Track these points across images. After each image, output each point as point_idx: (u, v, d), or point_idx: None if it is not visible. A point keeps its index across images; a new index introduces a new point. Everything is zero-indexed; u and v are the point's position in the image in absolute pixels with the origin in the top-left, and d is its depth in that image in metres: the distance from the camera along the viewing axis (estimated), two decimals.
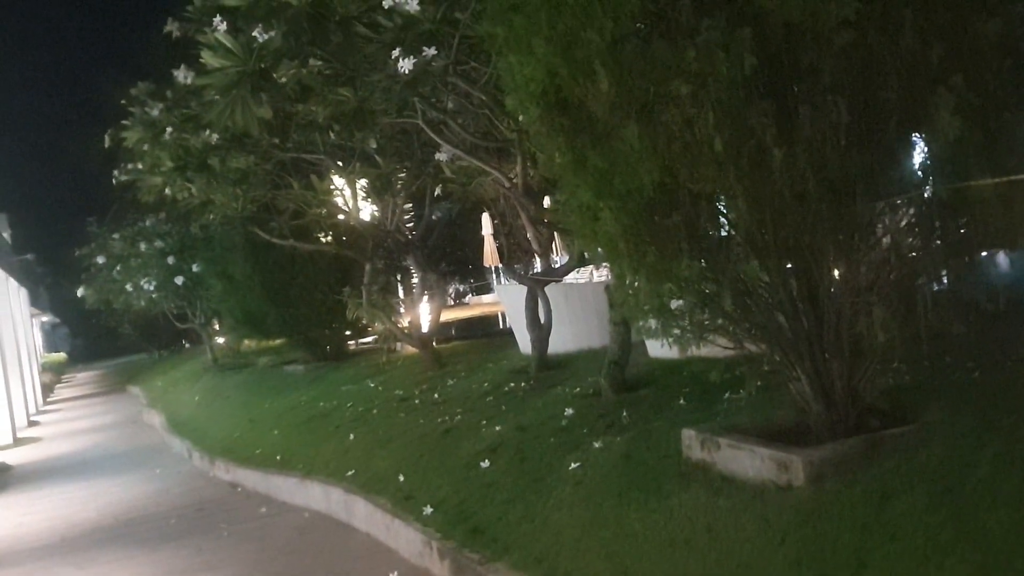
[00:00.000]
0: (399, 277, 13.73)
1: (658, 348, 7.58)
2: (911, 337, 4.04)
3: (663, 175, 3.96)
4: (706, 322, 4.44)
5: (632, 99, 3.92)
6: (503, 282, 24.29)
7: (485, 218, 19.79)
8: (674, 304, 4.43)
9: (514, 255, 12.59)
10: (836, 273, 4.25)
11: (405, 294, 13.33)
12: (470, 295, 30.00)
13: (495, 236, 21.70)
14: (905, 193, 4.06)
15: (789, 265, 4.21)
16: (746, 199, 3.93)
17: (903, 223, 4.14)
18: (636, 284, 4.39)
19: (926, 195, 4.05)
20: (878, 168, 3.99)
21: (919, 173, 4.07)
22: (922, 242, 4.14)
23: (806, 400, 4.46)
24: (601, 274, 10.51)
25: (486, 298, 27.31)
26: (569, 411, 6.40)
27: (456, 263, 24.45)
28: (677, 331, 4.52)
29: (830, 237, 4.09)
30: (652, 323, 4.55)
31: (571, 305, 9.59)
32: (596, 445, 5.47)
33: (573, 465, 5.33)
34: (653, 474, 4.78)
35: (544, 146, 4.51)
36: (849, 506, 3.60)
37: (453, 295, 27.19)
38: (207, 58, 5.62)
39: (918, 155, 4.06)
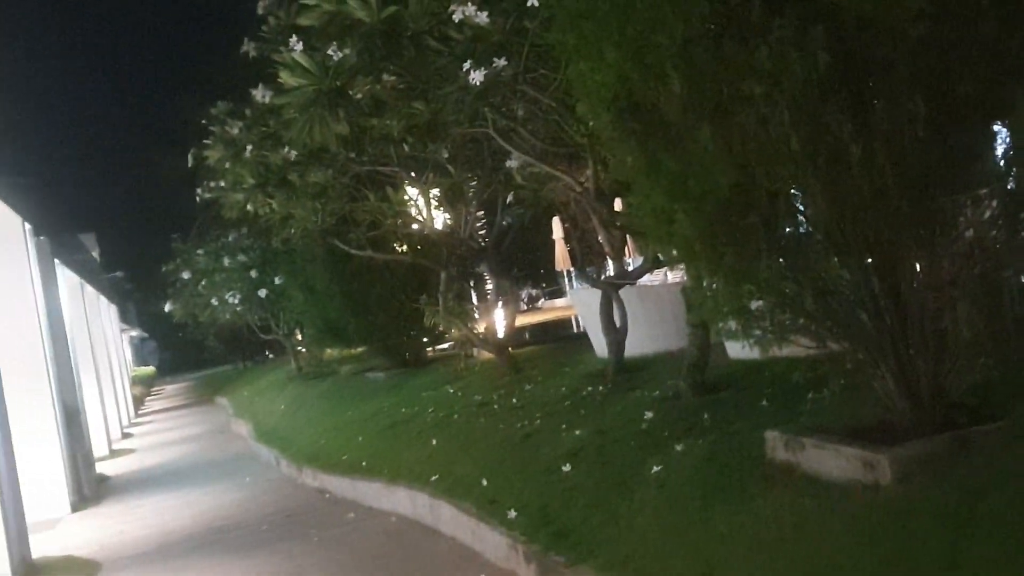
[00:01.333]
0: (472, 283, 13.87)
1: (737, 349, 7.52)
2: (997, 331, 3.96)
3: (738, 175, 3.96)
4: (787, 322, 4.41)
5: (705, 100, 3.93)
6: (576, 286, 24.31)
7: (555, 222, 19.81)
8: (754, 305, 4.42)
9: (586, 258, 12.59)
10: (919, 268, 4.20)
11: (479, 300, 13.46)
12: (542, 299, 30.05)
13: (566, 240, 21.72)
14: (987, 185, 3.98)
15: (870, 261, 4.17)
16: (825, 196, 3.91)
17: (986, 215, 4.06)
18: (714, 286, 4.39)
19: (1009, 186, 3.96)
20: (958, 160, 3.92)
21: (1002, 164, 3.99)
22: (1006, 234, 4.05)
23: (891, 398, 4.40)
24: (676, 275, 10.46)
25: (558, 302, 27.33)
26: (649, 414, 6.40)
27: (527, 268, 24.54)
28: (758, 332, 4.49)
29: (911, 232, 4.03)
30: (732, 325, 4.53)
31: (646, 307, 9.57)
32: (678, 448, 5.46)
33: (655, 468, 5.33)
34: (737, 476, 4.76)
35: (616, 150, 4.55)
36: (939, 504, 3.54)
37: (526, 300, 27.29)
38: (285, 78, 5.80)
39: (1000, 146, 3.98)
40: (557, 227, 21.11)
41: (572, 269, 24.65)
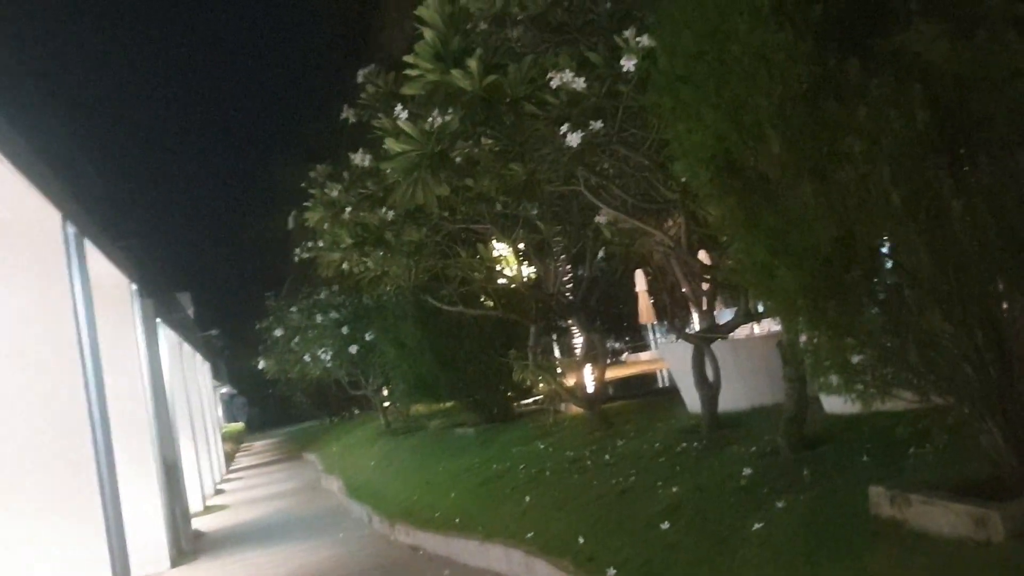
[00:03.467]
0: (556, 337, 13.96)
1: (834, 403, 7.44)
2: None
3: (840, 231, 4.02)
4: (890, 376, 4.41)
5: (804, 159, 4.02)
6: (664, 339, 24.18)
7: (638, 275, 19.84)
8: (855, 359, 4.43)
9: (674, 312, 12.60)
10: None
11: (566, 354, 13.54)
12: (627, 353, 29.92)
13: (649, 292, 21.69)
14: None
15: (974, 315, 4.16)
16: (927, 251, 3.94)
17: None
18: (815, 340, 4.42)
19: None
20: None
21: None
22: None
23: (999, 453, 4.34)
24: (767, 328, 10.40)
25: (643, 356, 27.16)
26: (747, 471, 6.37)
27: (610, 321, 24.52)
28: (860, 386, 4.50)
29: (1015, 285, 4.03)
30: (834, 379, 4.54)
31: (739, 361, 9.53)
32: (779, 505, 5.43)
33: (756, 526, 5.31)
34: (842, 533, 4.72)
35: (715, 207, 4.65)
36: None
37: (610, 353, 27.22)
38: (390, 144, 6.07)
39: None
40: (640, 280, 21.16)
41: (655, 323, 24.60)
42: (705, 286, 9.25)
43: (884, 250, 4.27)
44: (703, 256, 9.10)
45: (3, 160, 6.44)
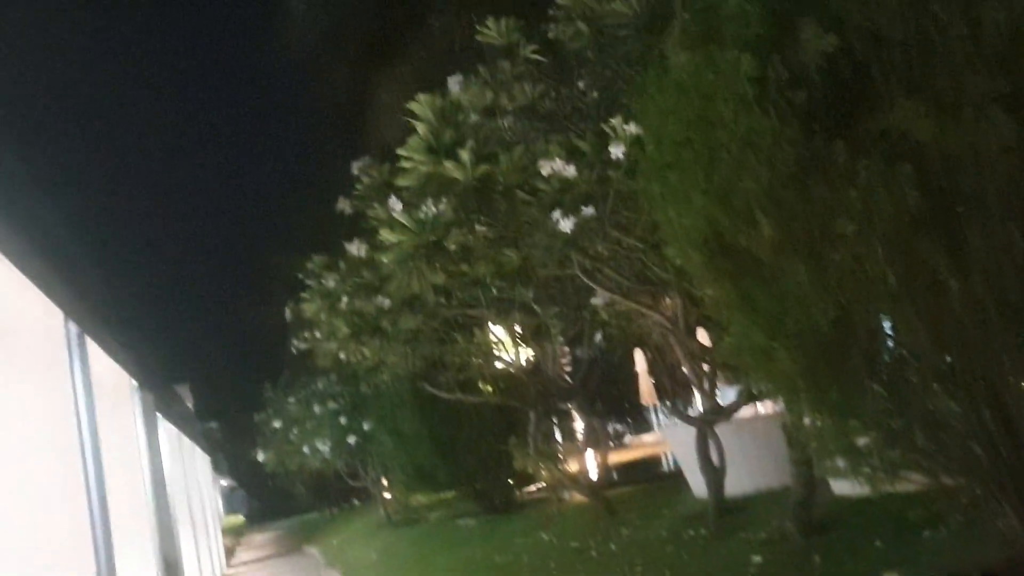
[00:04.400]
0: (557, 421, 13.79)
1: (843, 485, 7.29)
2: None
3: (837, 312, 3.98)
4: (897, 458, 4.31)
5: (796, 241, 4.00)
6: (666, 421, 23.89)
7: (638, 355, 19.70)
8: (861, 441, 4.34)
9: (674, 392, 12.48)
10: None
11: (567, 439, 13.36)
12: (628, 435, 29.56)
13: (650, 372, 21.50)
14: None
15: (980, 393, 4.08)
16: (926, 330, 3.89)
17: None
18: (819, 423, 4.34)
19: None
20: None
21: None
22: None
23: (1016, 535, 4.22)
24: (771, 407, 10.27)
25: (646, 438, 26.81)
26: (757, 558, 6.20)
27: (612, 402, 24.28)
28: (867, 469, 4.39)
29: (1019, 362, 3.97)
30: (840, 462, 4.44)
31: (744, 443, 9.38)
32: None
33: None
34: None
35: (709, 289, 4.61)
36: None
37: (612, 436, 26.87)
38: (385, 235, 6.09)
39: None
40: (640, 360, 20.98)
41: (657, 403, 24.34)
42: (706, 366, 9.17)
43: (885, 329, 4.22)
44: (702, 335, 9.04)
45: (3, 260, 6.42)
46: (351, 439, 18.65)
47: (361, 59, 17.54)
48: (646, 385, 21.98)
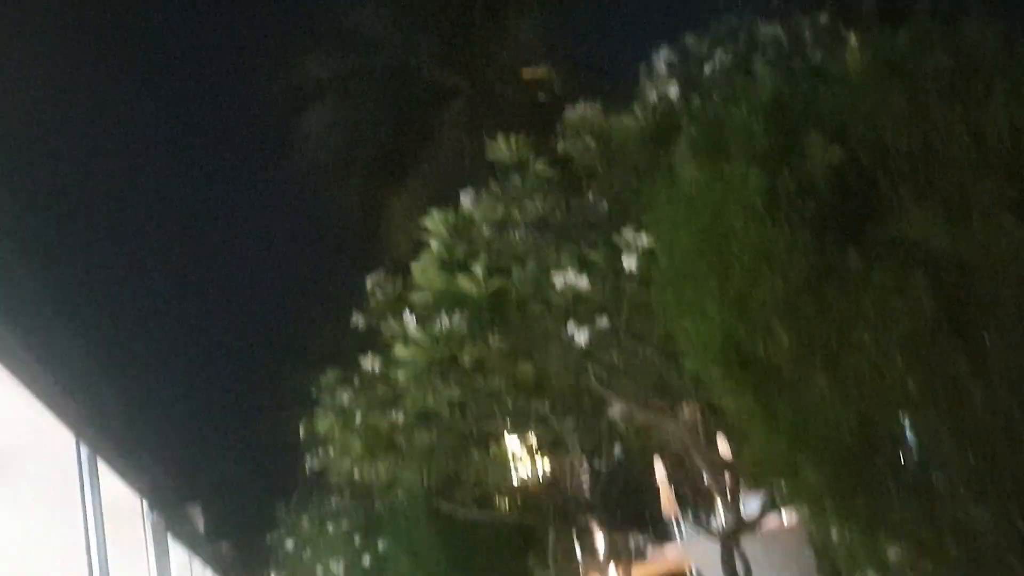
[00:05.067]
0: (576, 534, 13.45)
1: None
2: None
3: (860, 421, 3.93)
4: (931, 571, 4.18)
5: (814, 350, 3.98)
6: (688, 534, 23.30)
7: (658, 464, 19.36)
8: (892, 552, 4.22)
9: (696, 502, 12.23)
10: None
11: (588, 554, 13.04)
12: (650, 548, 28.76)
13: (670, 483, 21.07)
14: None
15: (1013, 502, 3.99)
16: (951, 437, 3.83)
17: None
18: (847, 535, 4.23)
19: None
20: None
21: None
22: None
23: None
24: (796, 519, 10.03)
25: (668, 550, 26.10)
26: None
27: (632, 514, 23.72)
28: None
29: None
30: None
31: (771, 557, 9.11)
32: None
33: None
34: None
35: (729, 402, 4.57)
36: None
37: (633, 549, 26.16)
38: (399, 350, 6.09)
39: None
40: (659, 468, 20.60)
41: (679, 514, 23.77)
42: (728, 476, 9.00)
43: (910, 436, 4.16)
44: (722, 443, 8.91)
45: (15, 382, 6.45)
46: (366, 559, 18.19)
47: (375, 174, 17.93)
48: (667, 496, 21.52)
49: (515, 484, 11.80)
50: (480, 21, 16.01)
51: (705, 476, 9.16)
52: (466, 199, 6.94)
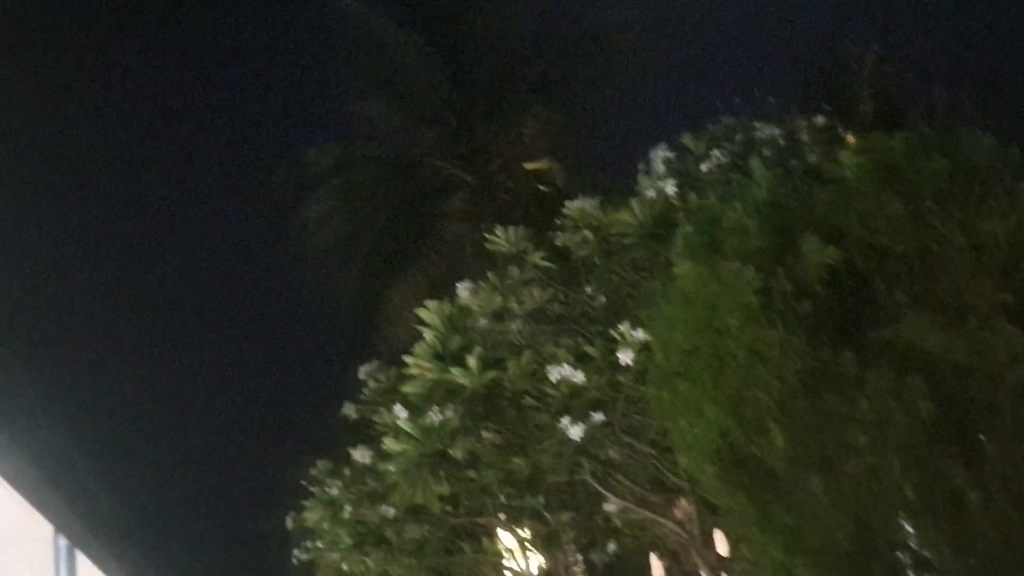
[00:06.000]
0: None
1: None
2: None
3: (856, 526, 3.85)
4: None
5: (810, 452, 3.92)
6: None
7: (653, 560, 18.96)
8: None
9: None
10: None
11: None
12: None
13: None
14: None
15: None
16: (949, 545, 3.74)
17: None
18: None
19: None
20: None
21: None
22: None
23: None
24: None
25: None
26: None
27: None
28: None
29: None
30: None
31: None
32: None
33: None
34: None
35: (725, 502, 4.49)
36: None
37: None
38: (389, 444, 6.02)
39: None
40: (656, 566, 20.18)
41: None
42: None
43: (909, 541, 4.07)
44: (724, 545, 8.72)
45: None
46: None
47: (373, 264, 17.97)
48: None
49: None
50: (483, 114, 16.27)
51: (702, 574, 8.94)
52: (463, 290, 6.95)
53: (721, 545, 8.72)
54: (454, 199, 17.34)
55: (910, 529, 3.88)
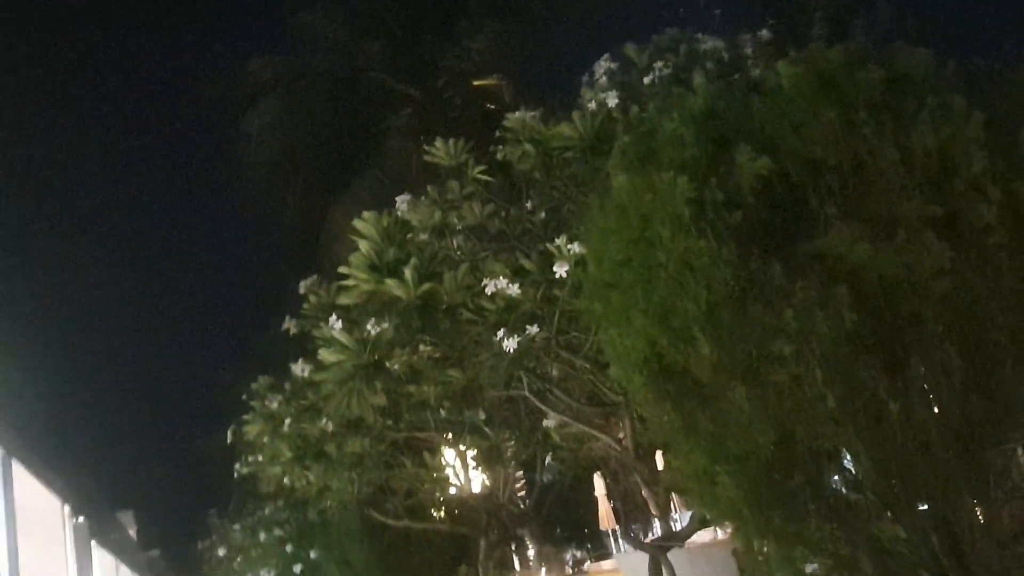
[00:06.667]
0: (515, 548, 13.37)
1: None
2: None
3: (778, 435, 3.90)
4: None
5: (735, 362, 3.95)
6: (622, 548, 23.37)
7: (597, 479, 19.37)
8: (808, 568, 4.20)
9: (631, 517, 12.20)
10: (980, 522, 4.01)
11: (522, 567, 12.94)
12: (588, 562, 28.76)
13: (608, 497, 21.12)
14: None
15: (927, 518, 3.99)
16: (868, 454, 3.82)
17: None
18: (765, 549, 4.19)
19: None
20: (1002, 410, 3.86)
21: None
22: None
23: None
24: (725, 533, 10.06)
25: (605, 564, 26.14)
26: None
27: (570, 528, 23.68)
28: None
29: (964, 487, 3.89)
30: None
31: (697, 570, 9.13)
32: None
33: None
34: None
35: (652, 412, 4.52)
36: None
37: (570, 563, 26.12)
38: (324, 355, 5.96)
39: None
40: (599, 484, 20.62)
41: (616, 528, 23.84)
42: (661, 490, 8.98)
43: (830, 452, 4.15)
44: (660, 459, 8.90)
45: None
46: (297, 568, 17.86)
47: (317, 179, 17.69)
48: (605, 509, 21.56)
49: (449, 495, 11.67)
50: (430, 27, 15.91)
51: (643, 489, 9.13)
52: (402, 203, 6.84)
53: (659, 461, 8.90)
54: (399, 115, 17.05)
55: (832, 439, 3.94)
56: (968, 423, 3.78)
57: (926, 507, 3.96)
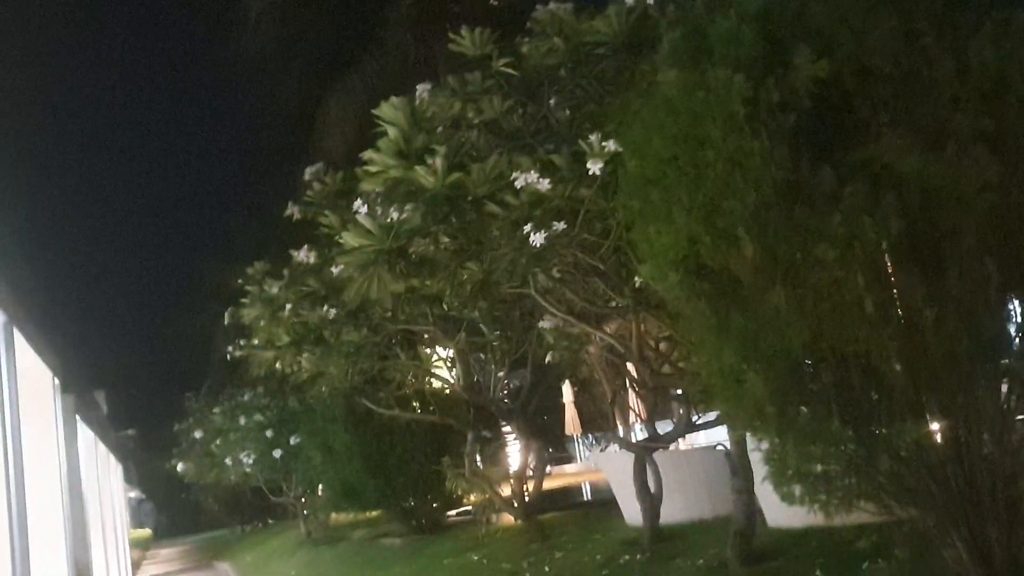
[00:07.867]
0: (481, 447, 13.67)
1: (779, 517, 7.36)
2: None
3: (811, 336, 4.00)
4: (854, 487, 4.34)
5: (777, 263, 4.02)
6: (589, 451, 23.97)
7: (565, 386, 19.74)
8: (819, 468, 4.36)
9: (616, 421, 12.49)
10: (992, 433, 4.17)
11: (502, 463, 13.25)
12: (550, 466, 29.41)
13: (576, 404, 21.58)
14: None
15: (939, 425, 4.15)
16: (900, 359, 3.94)
17: None
18: (784, 447, 4.34)
19: None
20: None
21: None
22: None
23: (963, 566, 4.28)
24: (707, 439, 10.35)
25: (568, 468, 26.83)
26: None
27: (539, 431, 24.19)
28: (823, 497, 4.42)
29: (985, 396, 4.04)
30: (796, 489, 4.46)
31: (680, 473, 9.41)
32: None
33: None
34: None
35: (683, 309, 4.60)
36: None
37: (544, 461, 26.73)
38: (347, 238, 5.95)
39: None
40: (567, 391, 21.04)
41: (580, 435, 24.43)
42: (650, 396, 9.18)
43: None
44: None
45: None
46: (277, 453, 18.20)
47: (313, 69, 17.35)
48: (572, 416, 22.05)
49: (437, 388, 11.87)
50: None
51: (633, 389, 9.32)
52: (423, 91, 6.74)
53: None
54: (400, 6, 16.66)
55: (863, 344, 4.04)
56: (997, 336, 3.91)
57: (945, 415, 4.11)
